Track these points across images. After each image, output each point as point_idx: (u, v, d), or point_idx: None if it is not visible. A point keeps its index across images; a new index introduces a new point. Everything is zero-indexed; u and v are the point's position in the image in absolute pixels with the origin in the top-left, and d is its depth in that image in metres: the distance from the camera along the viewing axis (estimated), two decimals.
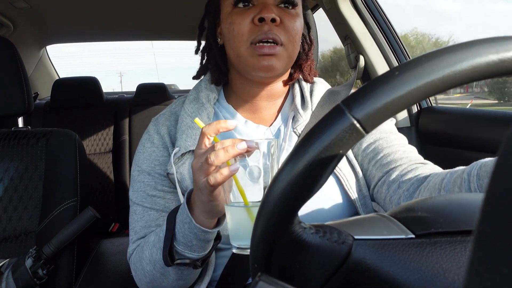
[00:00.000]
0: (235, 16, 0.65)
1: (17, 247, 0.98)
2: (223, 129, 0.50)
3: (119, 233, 2.13)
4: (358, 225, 0.33)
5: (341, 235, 0.31)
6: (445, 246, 0.29)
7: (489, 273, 0.14)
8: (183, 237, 0.56)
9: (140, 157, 0.72)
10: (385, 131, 0.72)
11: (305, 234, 0.31)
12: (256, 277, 0.30)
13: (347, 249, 0.30)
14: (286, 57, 0.66)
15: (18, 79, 1.02)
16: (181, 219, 0.56)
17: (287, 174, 0.28)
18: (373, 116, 0.26)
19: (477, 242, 0.15)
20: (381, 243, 0.30)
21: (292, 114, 0.73)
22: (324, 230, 0.31)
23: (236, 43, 0.65)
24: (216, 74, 0.76)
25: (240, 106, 0.75)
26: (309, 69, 0.78)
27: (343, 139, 0.27)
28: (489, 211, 0.16)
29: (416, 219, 0.32)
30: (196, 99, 0.74)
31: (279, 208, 0.29)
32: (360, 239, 0.31)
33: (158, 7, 1.84)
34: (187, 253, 0.57)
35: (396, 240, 0.30)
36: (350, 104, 0.27)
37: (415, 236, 0.30)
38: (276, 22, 0.63)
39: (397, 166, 0.66)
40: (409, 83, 0.26)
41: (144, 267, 0.63)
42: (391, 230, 0.31)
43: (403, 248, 0.30)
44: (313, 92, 0.77)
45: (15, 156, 1.03)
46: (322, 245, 0.30)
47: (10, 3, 1.62)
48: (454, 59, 0.26)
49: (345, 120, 0.27)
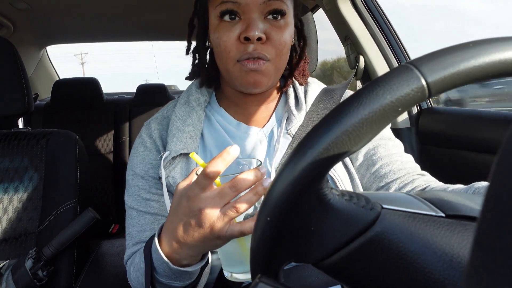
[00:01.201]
0: (222, 31, 0.63)
1: (17, 248, 0.98)
2: (231, 161, 0.43)
3: (119, 234, 2.13)
4: (387, 197, 0.31)
5: (370, 202, 0.29)
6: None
7: (489, 273, 0.14)
8: (164, 271, 0.53)
9: (133, 161, 0.72)
10: (383, 137, 0.71)
11: (331, 194, 0.29)
12: (256, 279, 0.29)
13: (374, 216, 0.28)
14: (273, 71, 0.65)
15: (18, 80, 1.02)
16: (157, 258, 0.52)
17: (336, 123, 0.26)
18: (443, 81, 0.25)
19: (477, 242, 0.15)
20: (411, 216, 0.29)
21: (286, 115, 0.72)
22: (351, 195, 0.30)
23: (224, 59, 0.64)
24: (206, 78, 0.74)
25: (232, 108, 0.74)
26: (301, 70, 0.77)
27: (407, 97, 0.25)
28: (489, 211, 0.15)
29: (445, 202, 0.31)
30: (186, 102, 0.73)
31: (313, 159, 0.26)
32: (389, 209, 0.29)
33: (158, 7, 1.84)
34: (172, 283, 0.55)
35: (426, 216, 0.29)
36: (423, 65, 0.26)
37: (445, 215, 0.29)
38: (262, 40, 0.62)
39: (395, 179, 0.66)
40: (484, 56, 0.25)
41: (138, 278, 0.62)
42: (421, 207, 0.30)
43: (433, 225, 0.28)
44: (307, 93, 0.76)
45: (15, 157, 1.03)
46: (348, 209, 0.29)
47: (10, 3, 1.62)
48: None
49: (415, 80, 0.25)
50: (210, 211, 0.43)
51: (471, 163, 1.02)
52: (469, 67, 0.25)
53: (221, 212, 0.43)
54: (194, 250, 0.49)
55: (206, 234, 0.45)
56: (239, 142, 0.71)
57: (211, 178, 0.43)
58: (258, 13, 0.62)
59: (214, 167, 0.42)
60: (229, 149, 0.43)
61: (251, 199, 0.42)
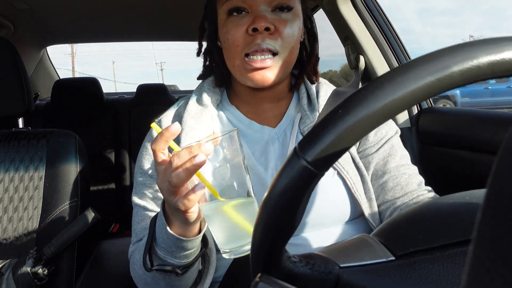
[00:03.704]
0: (230, 26, 0.65)
1: (17, 247, 0.98)
2: (171, 138, 0.46)
3: (120, 233, 2.13)
4: (344, 251, 0.35)
5: (328, 265, 0.33)
6: (424, 265, 0.31)
7: (489, 273, 0.14)
8: (163, 242, 0.54)
9: (142, 160, 0.72)
10: (394, 146, 0.72)
11: (296, 267, 0.32)
12: (256, 278, 0.30)
13: (335, 278, 0.32)
14: (281, 66, 0.66)
15: (18, 80, 1.02)
16: (159, 224, 0.54)
17: (264, 220, 0.30)
18: (322, 157, 0.27)
19: (477, 242, 0.15)
20: (365, 269, 0.32)
21: (299, 115, 0.72)
22: (313, 261, 0.33)
23: (232, 53, 0.66)
24: (219, 77, 0.76)
25: (244, 107, 0.75)
26: (312, 68, 0.77)
27: (300, 181, 0.28)
28: (489, 212, 0.16)
29: (397, 238, 0.34)
30: (198, 100, 0.74)
31: (264, 252, 0.30)
32: (346, 267, 0.33)
33: (159, 7, 1.84)
34: (169, 258, 0.55)
35: (378, 264, 0.32)
36: (303, 148, 0.28)
37: (395, 258, 0.32)
38: (270, 30, 0.63)
39: (401, 196, 0.67)
40: (351, 119, 0.27)
41: (137, 271, 0.63)
42: (374, 254, 0.33)
43: (384, 272, 0.31)
44: (319, 93, 0.76)
45: (16, 156, 1.03)
46: (313, 276, 0.32)
47: (10, 4, 1.62)
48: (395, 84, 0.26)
49: (299, 163, 0.28)
50: (160, 185, 0.48)
51: (471, 163, 1.02)
52: (338, 135, 0.27)
53: (165, 185, 0.46)
54: (175, 218, 0.51)
55: (168, 203, 0.50)
56: (250, 141, 0.71)
57: (157, 154, 0.47)
58: (265, 6, 0.64)
59: (155, 143, 0.47)
60: (170, 126, 0.46)
61: (179, 173, 0.44)
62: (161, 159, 0.47)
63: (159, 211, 0.55)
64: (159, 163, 0.48)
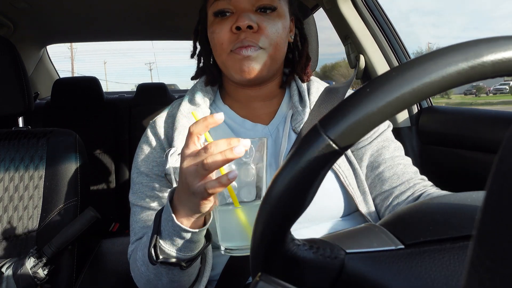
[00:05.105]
0: (215, 26, 0.69)
1: (17, 247, 0.98)
2: (212, 125, 0.48)
3: (120, 233, 2.13)
4: (350, 237, 0.34)
5: (333, 250, 0.32)
6: (434, 255, 0.30)
7: (489, 273, 0.14)
8: (167, 235, 0.55)
9: (138, 160, 0.73)
10: (387, 139, 0.74)
11: (299, 251, 0.32)
12: (256, 277, 0.30)
13: (339, 264, 0.31)
14: (266, 59, 0.68)
15: (18, 79, 1.02)
16: (165, 217, 0.55)
17: (273, 197, 0.29)
18: (346, 135, 0.27)
19: (477, 242, 0.16)
20: (372, 256, 0.31)
21: (291, 113, 0.74)
22: (317, 245, 0.32)
23: (218, 51, 0.69)
24: (210, 76, 0.78)
25: (236, 106, 0.77)
26: (303, 68, 0.79)
27: (320, 157, 0.27)
28: (489, 211, 0.16)
29: (406, 228, 0.33)
30: (191, 100, 0.76)
31: (271, 229, 0.30)
32: (352, 253, 0.32)
33: (158, 7, 1.84)
34: (173, 252, 0.56)
35: (386, 251, 0.31)
36: (326, 125, 0.28)
37: (404, 246, 0.31)
38: (253, 29, 0.65)
39: (398, 185, 0.69)
40: (380, 99, 0.27)
41: (139, 268, 0.63)
42: (382, 241, 0.32)
43: (393, 260, 0.30)
44: (310, 91, 0.77)
45: (16, 155, 1.03)
46: (316, 261, 0.31)
47: (10, 3, 1.62)
48: (422, 71, 0.26)
49: (321, 141, 0.27)
50: (187, 167, 0.48)
51: (471, 162, 1.02)
52: (366, 114, 0.27)
53: (193, 169, 0.47)
54: (186, 207, 0.52)
55: (184, 188, 0.49)
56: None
57: (192, 137, 0.48)
58: (248, 7, 0.67)
59: (196, 126, 0.48)
60: (214, 115, 0.47)
61: (217, 158, 0.45)
62: (194, 144, 0.48)
63: (166, 202, 0.56)
64: (189, 147, 0.48)
